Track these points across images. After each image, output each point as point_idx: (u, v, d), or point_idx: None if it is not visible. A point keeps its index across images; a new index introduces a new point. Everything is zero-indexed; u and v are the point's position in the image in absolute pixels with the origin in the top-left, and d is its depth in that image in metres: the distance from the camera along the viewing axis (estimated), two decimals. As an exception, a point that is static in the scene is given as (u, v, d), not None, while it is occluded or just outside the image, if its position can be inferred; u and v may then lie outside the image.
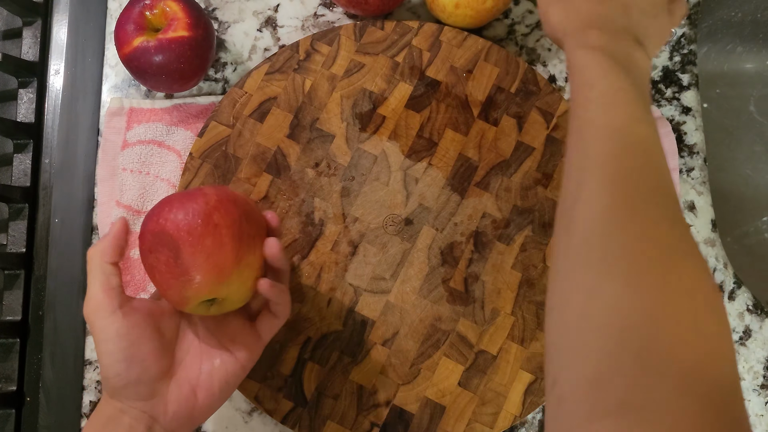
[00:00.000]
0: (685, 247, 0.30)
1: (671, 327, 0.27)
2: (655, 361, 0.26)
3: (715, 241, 0.52)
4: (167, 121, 0.53)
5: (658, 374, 0.26)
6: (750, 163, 0.54)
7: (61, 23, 0.55)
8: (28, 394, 0.50)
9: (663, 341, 0.27)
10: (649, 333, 0.27)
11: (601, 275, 0.29)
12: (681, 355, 0.26)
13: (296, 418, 0.47)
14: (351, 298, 0.49)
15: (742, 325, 0.51)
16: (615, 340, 0.27)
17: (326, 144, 0.51)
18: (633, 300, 0.28)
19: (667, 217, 0.30)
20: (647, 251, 0.29)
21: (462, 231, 0.50)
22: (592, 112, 0.34)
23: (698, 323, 0.27)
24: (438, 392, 0.47)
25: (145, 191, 0.52)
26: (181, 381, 0.39)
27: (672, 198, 0.31)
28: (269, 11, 0.56)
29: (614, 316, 0.28)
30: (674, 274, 0.28)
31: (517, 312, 0.48)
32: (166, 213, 0.37)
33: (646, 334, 0.27)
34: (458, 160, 0.50)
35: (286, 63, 0.52)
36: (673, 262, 0.29)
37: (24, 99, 0.54)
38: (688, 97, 0.54)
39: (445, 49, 0.52)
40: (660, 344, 0.27)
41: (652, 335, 0.27)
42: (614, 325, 0.28)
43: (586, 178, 0.32)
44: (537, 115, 0.51)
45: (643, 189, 0.31)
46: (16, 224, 0.52)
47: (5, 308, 0.51)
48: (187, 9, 0.47)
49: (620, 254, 0.29)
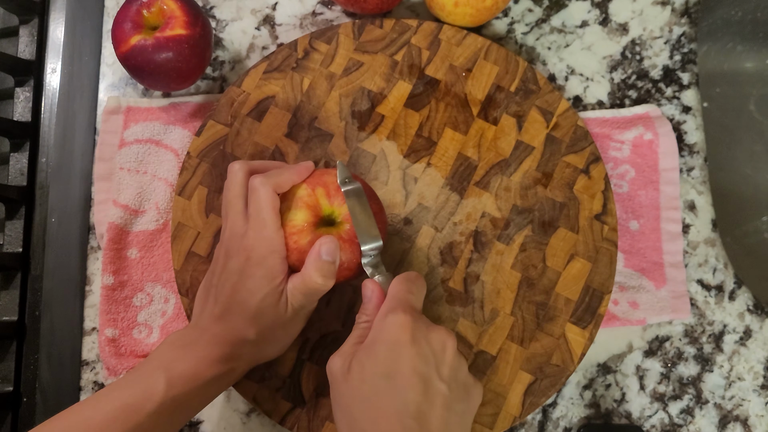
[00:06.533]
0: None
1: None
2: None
3: (715, 241, 0.52)
4: (165, 119, 0.53)
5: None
6: (750, 162, 0.53)
7: (57, 21, 0.55)
8: (24, 395, 0.49)
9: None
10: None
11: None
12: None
13: (295, 419, 0.47)
14: (350, 298, 0.48)
15: (742, 325, 0.51)
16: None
17: (325, 143, 0.50)
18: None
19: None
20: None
21: (461, 231, 0.49)
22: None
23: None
24: (437, 393, 0.47)
25: (142, 190, 0.52)
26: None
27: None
28: (267, 9, 0.56)
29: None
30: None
31: (516, 312, 0.48)
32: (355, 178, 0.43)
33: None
34: (457, 159, 0.50)
35: (285, 62, 0.52)
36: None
37: (20, 98, 0.54)
38: (688, 96, 0.54)
39: (444, 47, 0.52)
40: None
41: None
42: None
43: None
44: (537, 114, 0.51)
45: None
46: (13, 224, 0.52)
47: (1, 308, 0.50)
48: (184, 7, 0.47)
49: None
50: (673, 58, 0.54)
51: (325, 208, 0.42)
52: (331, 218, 0.42)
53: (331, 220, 0.42)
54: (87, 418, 0.37)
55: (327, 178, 0.42)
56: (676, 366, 0.50)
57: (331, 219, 0.42)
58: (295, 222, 0.40)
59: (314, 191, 0.41)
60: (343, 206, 0.41)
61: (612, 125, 0.52)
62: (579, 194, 0.50)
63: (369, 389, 0.36)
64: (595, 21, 0.55)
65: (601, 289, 0.48)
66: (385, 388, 0.36)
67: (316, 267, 0.39)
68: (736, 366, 0.50)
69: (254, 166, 0.43)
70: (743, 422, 0.50)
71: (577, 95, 0.54)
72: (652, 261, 0.51)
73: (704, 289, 0.51)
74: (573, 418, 0.50)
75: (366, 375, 0.37)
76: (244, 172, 0.42)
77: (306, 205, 0.41)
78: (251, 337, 0.41)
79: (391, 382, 0.36)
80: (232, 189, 0.42)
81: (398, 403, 0.36)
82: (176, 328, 0.50)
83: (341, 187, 0.42)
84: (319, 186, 0.42)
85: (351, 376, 0.37)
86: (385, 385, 0.36)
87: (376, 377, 0.36)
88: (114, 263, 0.50)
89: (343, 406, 0.38)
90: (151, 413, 0.37)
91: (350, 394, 0.37)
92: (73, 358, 0.51)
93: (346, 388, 0.37)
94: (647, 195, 0.51)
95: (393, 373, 0.36)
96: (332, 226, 0.42)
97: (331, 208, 0.42)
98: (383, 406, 0.36)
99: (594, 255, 0.49)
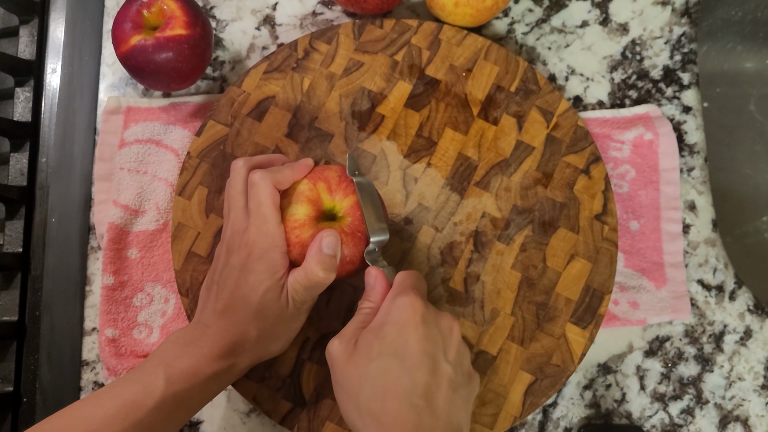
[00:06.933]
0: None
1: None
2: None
3: (715, 241, 0.52)
4: (165, 120, 0.53)
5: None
6: (750, 162, 0.53)
7: (57, 22, 0.55)
8: (24, 395, 0.49)
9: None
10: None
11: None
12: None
13: (295, 419, 0.47)
14: (350, 298, 0.48)
15: (742, 325, 0.51)
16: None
17: (325, 143, 0.50)
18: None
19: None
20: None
21: (461, 231, 0.49)
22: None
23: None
24: (437, 393, 0.47)
25: (142, 190, 0.51)
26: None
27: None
28: (267, 9, 0.56)
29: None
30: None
31: (516, 312, 0.48)
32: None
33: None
34: (458, 159, 0.50)
35: (285, 62, 0.52)
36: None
37: (21, 98, 0.54)
38: (688, 96, 0.54)
39: (444, 47, 0.52)
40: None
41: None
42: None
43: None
44: (537, 114, 0.51)
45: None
46: (13, 224, 0.52)
47: (2, 308, 0.50)
48: (184, 7, 0.47)
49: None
50: (673, 58, 0.54)
51: (326, 203, 0.42)
52: (333, 213, 0.42)
53: (333, 215, 0.42)
54: (87, 414, 0.37)
55: (328, 174, 0.42)
56: (676, 366, 0.50)
57: (332, 213, 0.42)
58: (296, 216, 0.40)
59: (315, 186, 0.41)
60: (344, 201, 0.42)
61: (612, 125, 0.52)
62: (579, 194, 0.50)
63: (376, 368, 0.37)
64: (596, 21, 0.55)
65: (601, 289, 0.48)
66: (393, 366, 0.37)
67: (318, 260, 0.39)
68: (737, 366, 0.50)
69: (257, 162, 0.43)
70: (743, 422, 0.50)
71: (577, 95, 0.54)
72: (653, 261, 0.51)
73: (704, 289, 0.51)
74: (573, 418, 0.50)
75: (373, 354, 0.37)
76: (246, 168, 0.42)
77: (307, 200, 0.41)
78: (253, 333, 0.41)
79: (400, 361, 0.37)
80: (234, 186, 0.42)
81: (406, 382, 0.36)
82: (176, 328, 0.50)
83: (352, 178, 0.42)
84: (320, 181, 0.42)
85: (357, 356, 0.38)
86: (393, 364, 0.37)
87: (384, 356, 0.37)
88: (114, 263, 0.50)
89: (348, 386, 0.38)
90: (152, 409, 0.37)
91: (357, 372, 0.38)
92: (73, 359, 0.51)
93: (352, 367, 0.38)
94: (647, 195, 0.51)
95: (402, 353, 0.37)
96: (334, 220, 0.42)
97: (332, 203, 0.42)
98: (391, 384, 0.36)
99: (594, 255, 0.49)
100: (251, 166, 0.42)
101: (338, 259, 0.40)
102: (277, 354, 0.44)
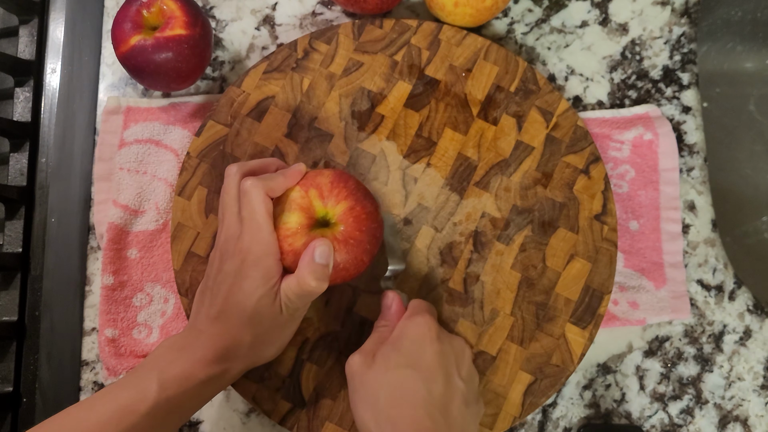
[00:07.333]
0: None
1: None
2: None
3: (715, 241, 0.52)
4: (164, 120, 0.53)
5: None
6: (750, 162, 0.53)
7: (57, 22, 0.55)
8: (24, 396, 0.49)
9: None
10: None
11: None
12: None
13: (294, 419, 0.47)
14: (349, 299, 0.48)
15: (742, 325, 0.51)
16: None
17: (324, 143, 0.50)
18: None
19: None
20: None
21: (461, 231, 0.49)
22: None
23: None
24: (437, 393, 0.47)
25: (142, 190, 0.52)
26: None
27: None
28: (267, 9, 0.56)
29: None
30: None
31: (516, 312, 0.48)
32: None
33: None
34: (457, 159, 0.50)
35: (284, 62, 0.52)
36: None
37: (20, 98, 0.54)
38: (688, 96, 0.54)
39: (444, 47, 0.52)
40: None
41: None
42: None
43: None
44: (536, 114, 0.51)
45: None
46: (13, 224, 0.52)
47: (1, 308, 0.50)
48: (184, 7, 0.47)
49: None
50: (673, 58, 0.54)
51: (318, 210, 0.41)
52: (326, 219, 0.42)
53: (326, 222, 0.42)
54: (81, 419, 0.37)
55: (320, 180, 0.42)
56: (676, 366, 0.50)
57: (325, 220, 0.42)
58: (289, 225, 0.40)
59: (307, 193, 0.41)
60: (336, 207, 0.41)
61: (612, 125, 0.52)
62: (579, 194, 0.50)
63: (394, 377, 0.39)
64: (595, 21, 0.55)
65: (600, 289, 0.48)
66: (410, 376, 0.39)
67: (310, 270, 0.39)
68: (736, 366, 0.50)
69: (251, 168, 0.43)
70: (743, 422, 0.50)
71: (576, 95, 0.54)
72: (652, 261, 0.51)
73: (704, 289, 0.51)
74: (573, 418, 0.50)
75: (391, 364, 0.39)
76: (240, 175, 0.42)
77: (299, 207, 0.41)
78: (247, 339, 0.41)
79: (417, 372, 0.39)
80: (228, 192, 0.42)
81: (423, 391, 0.38)
82: (176, 328, 0.51)
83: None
84: (312, 188, 0.41)
85: (376, 366, 0.40)
86: (411, 374, 0.39)
87: (402, 367, 0.39)
88: (114, 263, 0.50)
89: (366, 394, 0.39)
90: (145, 414, 0.37)
91: (375, 380, 0.39)
92: (73, 359, 0.51)
93: (371, 375, 0.39)
94: (647, 195, 0.51)
95: (418, 364, 0.39)
96: (326, 227, 0.42)
97: (324, 210, 0.41)
98: (408, 393, 0.38)
99: (594, 255, 0.49)
100: (245, 173, 0.42)
101: (330, 267, 0.40)
102: (270, 360, 0.44)
